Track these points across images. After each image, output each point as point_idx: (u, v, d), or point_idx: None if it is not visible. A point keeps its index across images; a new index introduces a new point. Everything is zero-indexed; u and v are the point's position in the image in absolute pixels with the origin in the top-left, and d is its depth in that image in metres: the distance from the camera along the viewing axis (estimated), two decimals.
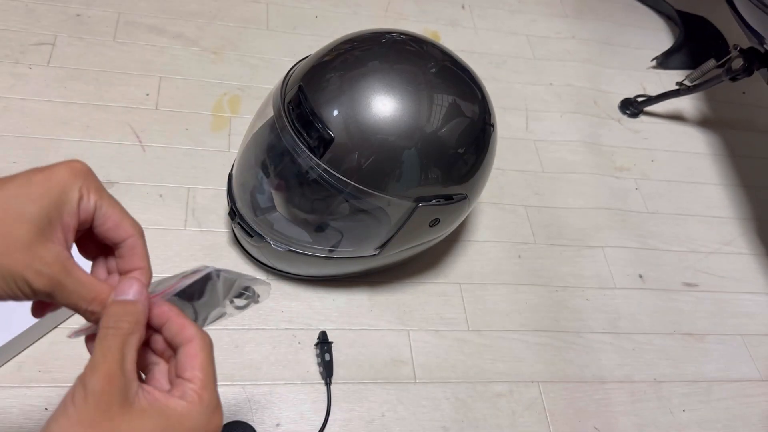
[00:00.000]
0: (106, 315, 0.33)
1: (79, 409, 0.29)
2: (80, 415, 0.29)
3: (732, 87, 1.23)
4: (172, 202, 0.89)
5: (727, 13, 1.09)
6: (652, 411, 0.86)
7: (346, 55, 0.72)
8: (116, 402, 0.30)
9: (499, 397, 0.82)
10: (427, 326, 0.87)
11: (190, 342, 0.34)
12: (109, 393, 0.30)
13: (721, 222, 1.13)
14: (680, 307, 0.99)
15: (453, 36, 1.28)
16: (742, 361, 0.95)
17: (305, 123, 0.69)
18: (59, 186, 0.32)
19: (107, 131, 0.94)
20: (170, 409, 0.32)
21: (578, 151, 1.15)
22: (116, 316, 0.32)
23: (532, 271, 0.97)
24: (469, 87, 0.74)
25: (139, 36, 1.07)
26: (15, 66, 0.97)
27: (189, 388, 0.33)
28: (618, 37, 1.42)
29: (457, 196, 0.74)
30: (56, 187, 0.32)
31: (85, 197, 0.33)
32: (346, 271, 0.85)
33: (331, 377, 0.78)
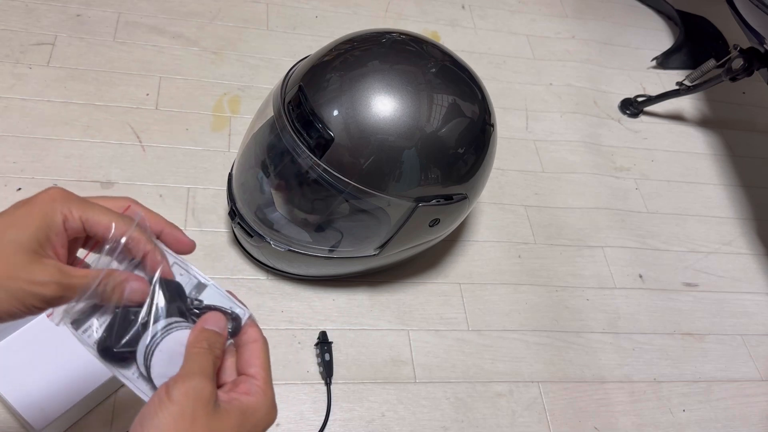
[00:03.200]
0: (199, 336, 0.40)
1: (180, 404, 0.35)
2: (183, 409, 0.35)
3: (732, 87, 1.23)
4: (172, 202, 0.89)
5: (727, 13, 1.09)
6: (651, 411, 0.87)
7: (346, 55, 0.72)
8: (210, 403, 0.36)
9: (499, 397, 0.83)
10: (427, 326, 0.87)
11: (255, 342, 0.41)
12: (204, 395, 0.36)
13: (720, 222, 1.13)
14: (680, 307, 0.99)
15: (453, 36, 1.28)
16: (742, 361, 0.95)
17: (305, 123, 0.69)
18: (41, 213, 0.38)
19: (107, 131, 0.94)
20: (243, 405, 0.38)
21: (578, 151, 1.16)
22: (208, 341, 0.39)
23: (532, 271, 0.97)
24: (469, 87, 0.74)
25: (139, 36, 1.07)
26: (15, 66, 0.97)
27: (254, 383, 0.39)
28: (618, 37, 1.42)
29: (457, 196, 0.74)
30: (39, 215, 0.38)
31: (69, 217, 0.39)
32: (346, 271, 0.85)
33: (331, 377, 0.78)
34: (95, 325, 0.41)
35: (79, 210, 0.39)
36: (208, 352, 0.39)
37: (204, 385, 0.37)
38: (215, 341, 0.40)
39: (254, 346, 0.41)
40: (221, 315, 0.41)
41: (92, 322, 0.41)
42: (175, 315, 0.41)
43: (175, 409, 0.35)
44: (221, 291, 0.44)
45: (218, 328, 0.40)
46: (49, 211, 0.38)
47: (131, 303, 0.41)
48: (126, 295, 0.40)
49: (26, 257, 0.37)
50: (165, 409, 0.35)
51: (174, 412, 0.35)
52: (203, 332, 0.40)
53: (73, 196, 0.40)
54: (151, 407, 0.36)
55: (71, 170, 0.88)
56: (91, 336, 0.41)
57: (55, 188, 0.40)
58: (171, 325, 0.41)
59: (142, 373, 0.41)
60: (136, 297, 0.41)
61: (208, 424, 0.36)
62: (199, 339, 0.39)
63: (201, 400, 0.36)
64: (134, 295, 0.41)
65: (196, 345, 0.39)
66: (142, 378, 0.41)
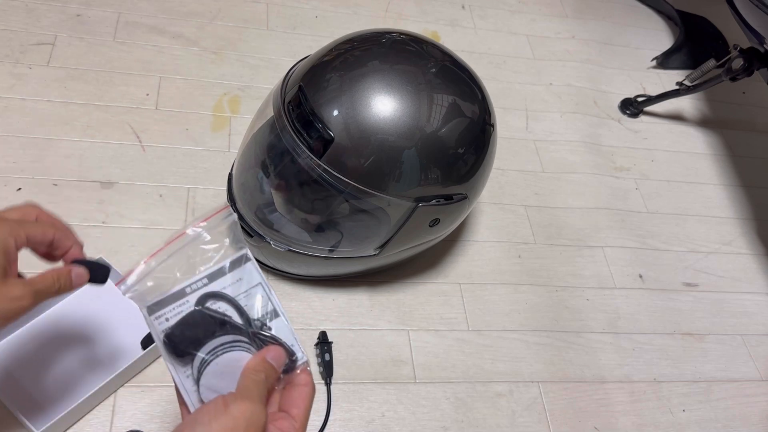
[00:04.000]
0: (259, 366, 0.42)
1: (235, 420, 0.38)
2: (236, 425, 0.38)
3: (732, 87, 1.23)
4: (172, 202, 0.89)
5: (727, 13, 1.09)
6: (651, 411, 0.86)
7: (346, 55, 0.72)
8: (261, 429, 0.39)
9: (499, 397, 0.83)
10: (427, 326, 0.87)
11: (305, 386, 0.44)
12: (259, 421, 0.39)
13: (720, 222, 1.13)
14: (680, 307, 0.99)
15: (453, 36, 1.28)
16: (742, 361, 0.95)
17: (305, 123, 0.69)
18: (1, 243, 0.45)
19: (107, 131, 0.94)
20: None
21: (578, 151, 1.16)
22: (266, 372, 0.42)
23: (532, 271, 0.97)
24: (469, 87, 0.74)
25: (139, 36, 1.07)
26: (15, 66, 0.97)
27: (293, 424, 0.42)
28: (618, 37, 1.42)
29: (457, 196, 0.74)
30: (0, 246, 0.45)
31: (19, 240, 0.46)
32: (346, 271, 0.85)
33: (331, 377, 0.78)
34: (168, 315, 0.43)
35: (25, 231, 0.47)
36: (265, 382, 0.41)
37: (261, 410, 0.39)
38: (272, 374, 0.42)
39: (303, 390, 0.44)
40: (283, 352, 0.44)
41: (165, 312, 0.43)
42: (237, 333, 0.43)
43: (230, 423, 0.37)
44: (289, 326, 0.45)
45: (277, 363, 0.43)
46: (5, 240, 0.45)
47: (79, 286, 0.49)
48: (74, 281, 0.49)
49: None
50: (219, 420, 0.38)
51: (228, 425, 0.37)
52: (264, 363, 0.42)
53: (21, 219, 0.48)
54: (205, 414, 0.38)
55: (71, 170, 0.88)
56: (162, 324, 0.43)
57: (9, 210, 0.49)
58: (234, 343, 0.43)
59: (192, 375, 0.42)
60: (82, 280, 0.50)
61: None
62: (259, 368, 0.42)
63: (254, 423, 0.38)
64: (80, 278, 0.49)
65: (255, 372, 0.42)
66: (191, 378, 0.42)
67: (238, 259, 0.45)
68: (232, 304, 0.44)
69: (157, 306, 0.43)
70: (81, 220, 0.84)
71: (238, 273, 0.45)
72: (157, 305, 0.43)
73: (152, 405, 0.71)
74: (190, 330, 0.43)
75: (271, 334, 0.44)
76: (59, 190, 0.86)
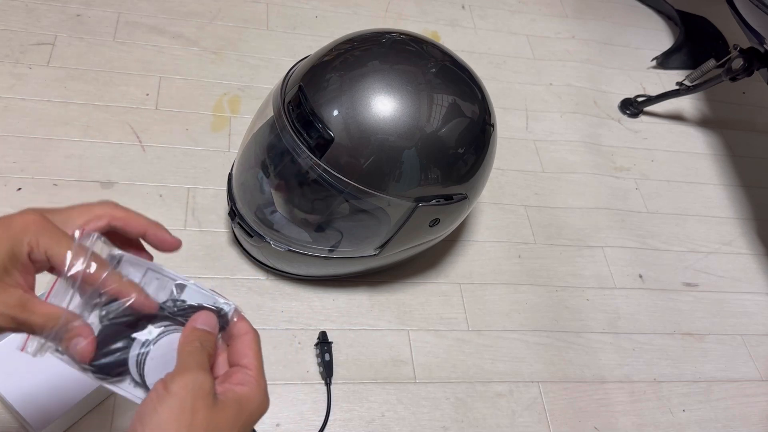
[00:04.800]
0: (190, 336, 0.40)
1: (179, 396, 0.35)
2: (182, 402, 0.35)
3: (732, 87, 1.23)
4: (172, 202, 0.89)
5: (727, 13, 1.09)
6: (651, 411, 0.86)
7: (346, 55, 0.72)
8: (209, 395, 0.37)
9: (499, 397, 0.83)
10: (427, 326, 0.87)
11: (246, 335, 0.41)
12: (204, 387, 0.36)
13: (720, 222, 1.13)
14: (680, 307, 0.99)
15: (453, 36, 1.28)
16: (742, 361, 0.95)
17: (305, 123, 0.69)
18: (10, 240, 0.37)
19: (107, 131, 0.94)
20: (238, 396, 0.38)
21: (578, 151, 1.16)
22: (200, 339, 0.40)
23: (532, 271, 0.97)
24: (469, 87, 0.74)
25: (139, 36, 1.07)
26: (15, 66, 0.97)
27: (247, 374, 0.39)
28: (618, 37, 1.42)
29: (457, 196, 0.74)
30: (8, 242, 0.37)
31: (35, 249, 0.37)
32: (346, 271, 0.85)
33: (331, 377, 0.78)
34: None
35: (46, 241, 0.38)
36: (201, 350, 0.39)
37: (203, 377, 0.37)
38: (206, 339, 0.40)
39: (246, 338, 0.41)
40: (211, 313, 0.41)
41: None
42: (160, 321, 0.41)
43: (175, 402, 0.35)
44: (202, 289, 0.43)
45: (209, 326, 0.41)
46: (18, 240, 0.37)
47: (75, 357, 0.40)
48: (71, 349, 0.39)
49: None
50: (164, 403, 0.35)
51: (174, 405, 0.35)
52: (194, 331, 0.40)
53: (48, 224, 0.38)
54: (149, 403, 0.36)
55: (71, 170, 0.88)
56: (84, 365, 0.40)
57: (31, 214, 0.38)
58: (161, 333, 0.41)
59: (137, 382, 0.41)
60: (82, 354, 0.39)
61: (208, 416, 0.36)
62: (191, 338, 0.40)
63: (200, 391, 0.36)
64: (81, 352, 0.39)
65: (188, 344, 0.39)
66: (139, 387, 0.41)
67: (113, 262, 0.42)
68: None
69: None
70: None
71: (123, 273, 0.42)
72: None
73: None
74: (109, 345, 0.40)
75: (187, 305, 0.42)
76: (59, 190, 0.86)
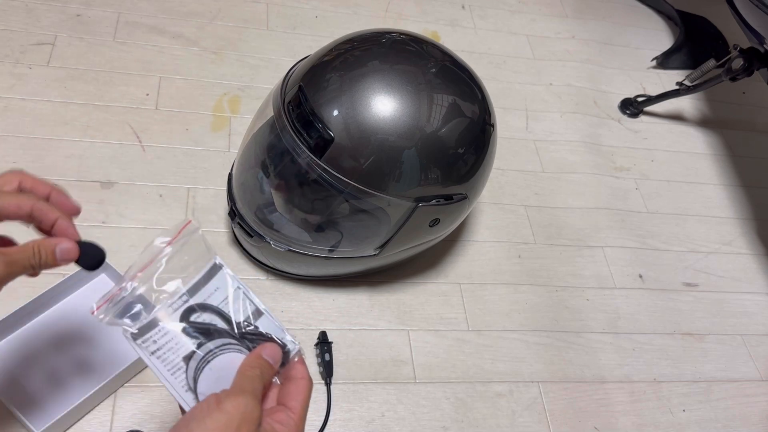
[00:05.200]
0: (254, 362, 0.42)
1: (229, 415, 0.37)
2: (230, 420, 0.37)
3: (732, 87, 1.23)
4: (172, 202, 0.89)
5: (727, 13, 1.09)
6: (651, 411, 0.86)
7: (346, 55, 0.72)
8: (255, 423, 0.38)
9: (499, 397, 0.83)
10: (427, 326, 0.87)
11: (302, 380, 0.44)
12: (253, 415, 0.38)
13: (721, 222, 1.13)
14: (680, 307, 0.99)
15: (453, 36, 1.28)
16: (742, 361, 0.95)
17: (305, 123, 0.69)
18: None
19: (107, 131, 0.94)
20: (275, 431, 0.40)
21: (578, 151, 1.16)
22: (261, 368, 0.42)
23: (532, 271, 0.97)
24: (469, 87, 0.74)
25: (139, 36, 1.07)
26: (15, 66, 0.97)
27: (290, 416, 0.41)
28: (618, 37, 1.42)
29: (457, 196, 0.74)
30: None
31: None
32: (346, 271, 0.85)
33: (331, 377, 0.78)
34: (155, 337, 0.43)
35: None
36: (260, 378, 0.41)
37: (254, 405, 0.39)
38: (267, 371, 0.42)
39: (300, 383, 0.43)
40: (278, 349, 0.44)
41: (152, 335, 0.43)
42: (226, 337, 0.44)
43: (224, 418, 0.37)
44: (276, 321, 0.45)
45: (273, 360, 0.43)
46: None
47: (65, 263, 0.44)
48: (59, 257, 0.43)
49: None
50: (213, 416, 0.37)
51: (221, 421, 0.37)
52: (259, 359, 0.43)
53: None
54: (199, 412, 0.38)
55: (71, 170, 0.88)
56: (150, 346, 0.43)
57: None
58: (224, 346, 0.43)
59: (189, 386, 0.43)
60: (69, 256, 0.44)
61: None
62: (254, 365, 0.42)
63: (249, 416, 0.38)
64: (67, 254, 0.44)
65: (250, 369, 0.42)
66: (189, 391, 0.43)
67: (211, 269, 0.45)
68: (215, 313, 0.44)
69: (143, 330, 0.43)
70: (81, 220, 0.83)
71: (215, 283, 0.45)
72: (143, 330, 0.43)
73: (152, 405, 0.71)
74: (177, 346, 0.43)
75: (258, 331, 0.44)
76: None
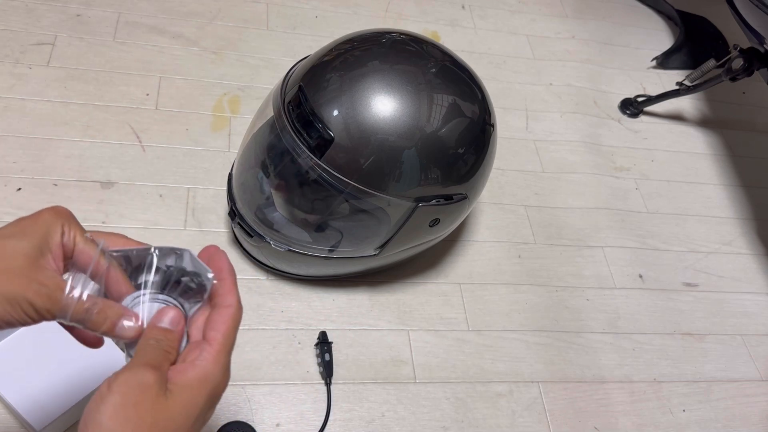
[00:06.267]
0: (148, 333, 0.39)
1: (120, 393, 0.35)
2: (124, 398, 0.35)
3: (732, 87, 1.23)
4: (172, 202, 0.89)
5: (727, 13, 1.09)
6: (651, 411, 0.87)
7: (346, 55, 0.72)
8: (153, 388, 0.35)
9: (499, 397, 0.83)
10: (427, 326, 0.87)
11: (228, 307, 0.40)
12: (145, 382, 0.35)
13: (720, 222, 1.13)
14: (680, 307, 0.99)
15: (453, 36, 1.28)
16: (742, 361, 0.95)
17: (305, 123, 0.69)
18: (45, 225, 0.39)
19: (107, 131, 0.94)
20: (190, 380, 0.37)
21: (578, 151, 1.16)
22: (156, 338, 0.39)
23: (532, 271, 0.97)
24: (469, 87, 0.74)
25: (139, 36, 1.07)
26: (15, 66, 0.97)
27: (206, 349, 0.39)
28: (618, 37, 1.42)
29: (457, 196, 0.74)
30: (42, 226, 0.39)
31: (66, 233, 0.40)
32: (346, 271, 0.85)
33: (331, 377, 0.78)
34: None
35: (75, 232, 0.41)
36: (155, 347, 0.38)
37: (145, 373, 0.36)
38: (165, 337, 0.39)
39: (224, 312, 0.40)
40: (177, 312, 0.41)
41: None
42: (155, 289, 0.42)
43: (116, 399, 0.35)
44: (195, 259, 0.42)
45: (170, 325, 0.40)
46: (53, 224, 0.40)
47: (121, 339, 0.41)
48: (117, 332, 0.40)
49: (26, 263, 0.37)
50: (105, 401, 0.35)
51: (115, 402, 0.35)
52: (152, 330, 0.40)
53: (75, 219, 0.42)
54: (93, 403, 0.35)
55: (71, 170, 0.88)
56: None
57: (62, 207, 0.41)
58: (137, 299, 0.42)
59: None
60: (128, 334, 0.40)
61: (153, 407, 0.35)
62: (147, 336, 0.39)
63: (142, 386, 0.35)
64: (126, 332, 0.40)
65: (144, 340, 0.39)
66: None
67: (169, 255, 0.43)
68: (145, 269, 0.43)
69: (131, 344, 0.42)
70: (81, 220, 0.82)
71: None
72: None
73: None
74: None
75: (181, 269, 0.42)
76: (59, 190, 0.86)
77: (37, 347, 0.71)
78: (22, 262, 0.37)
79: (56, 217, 0.40)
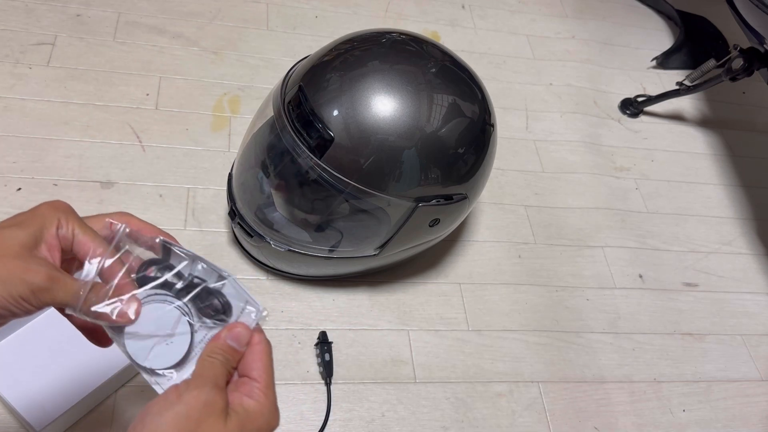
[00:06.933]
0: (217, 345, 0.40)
1: (188, 406, 0.36)
2: (190, 412, 0.36)
3: (732, 87, 1.23)
4: (172, 202, 0.89)
5: (727, 13, 1.09)
6: (652, 411, 0.87)
7: (346, 55, 0.72)
8: (219, 412, 0.37)
9: (499, 397, 0.83)
10: (427, 326, 0.87)
11: (258, 345, 0.41)
12: (215, 405, 0.37)
13: (721, 222, 1.13)
14: (680, 307, 0.99)
15: (453, 36, 1.28)
16: (742, 361, 0.95)
17: (305, 123, 0.69)
18: (41, 217, 0.40)
19: (107, 131, 0.94)
20: (244, 409, 0.38)
21: (578, 151, 1.16)
22: (225, 353, 0.40)
23: (532, 271, 0.97)
24: (469, 87, 0.74)
25: (139, 36, 1.07)
26: (15, 66, 0.97)
27: (255, 387, 0.39)
28: (618, 37, 1.42)
29: (457, 196, 0.74)
30: (39, 218, 0.40)
31: (63, 225, 0.41)
32: (346, 271, 0.85)
33: (331, 377, 0.78)
34: None
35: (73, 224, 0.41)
36: (222, 364, 0.40)
37: (215, 394, 0.37)
38: (230, 356, 0.41)
39: (257, 349, 0.41)
40: (245, 331, 0.41)
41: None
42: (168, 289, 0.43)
43: (182, 410, 0.36)
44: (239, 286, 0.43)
45: (237, 343, 0.41)
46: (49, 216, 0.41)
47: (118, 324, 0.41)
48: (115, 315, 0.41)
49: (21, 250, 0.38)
50: (172, 409, 0.36)
51: (179, 413, 0.36)
52: (221, 344, 0.41)
53: (75, 213, 0.42)
54: (156, 406, 0.36)
55: (71, 170, 0.88)
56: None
57: (61, 201, 0.42)
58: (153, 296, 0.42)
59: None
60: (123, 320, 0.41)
61: (212, 428, 0.36)
62: (215, 351, 0.40)
63: (211, 408, 0.37)
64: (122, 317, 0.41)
65: (212, 354, 0.40)
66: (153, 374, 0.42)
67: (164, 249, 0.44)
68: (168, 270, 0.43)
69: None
70: None
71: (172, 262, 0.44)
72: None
73: None
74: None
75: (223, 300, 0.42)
76: (59, 190, 0.86)
77: (37, 347, 0.71)
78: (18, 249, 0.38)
79: (53, 210, 0.41)
